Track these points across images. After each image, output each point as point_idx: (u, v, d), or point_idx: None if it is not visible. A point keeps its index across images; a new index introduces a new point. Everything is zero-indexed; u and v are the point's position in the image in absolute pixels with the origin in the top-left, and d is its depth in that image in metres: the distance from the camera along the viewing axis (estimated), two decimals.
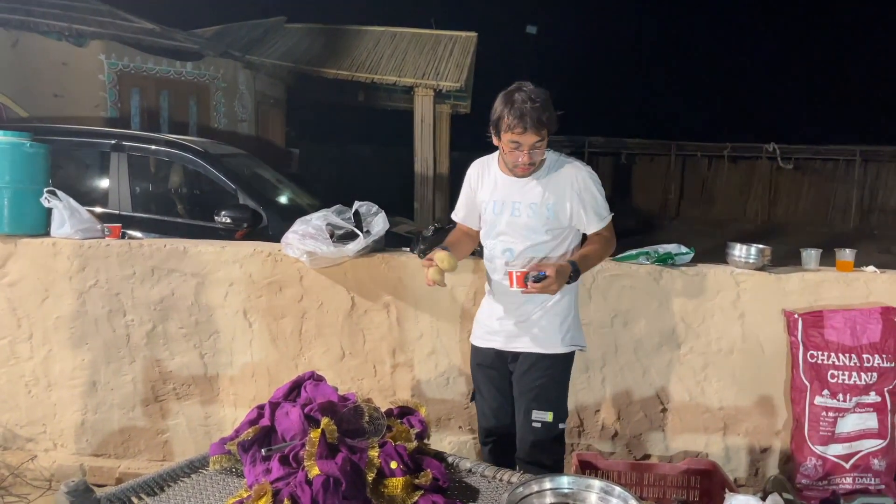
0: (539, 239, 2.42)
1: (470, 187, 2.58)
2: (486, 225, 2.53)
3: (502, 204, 2.45)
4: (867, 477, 2.87)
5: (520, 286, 2.28)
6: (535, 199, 2.41)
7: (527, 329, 2.48)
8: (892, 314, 2.89)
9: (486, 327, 2.58)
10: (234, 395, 3.25)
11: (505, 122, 2.29)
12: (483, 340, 2.59)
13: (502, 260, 2.47)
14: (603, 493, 1.89)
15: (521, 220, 2.42)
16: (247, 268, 3.15)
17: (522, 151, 2.31)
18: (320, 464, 1.92)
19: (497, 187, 2.47)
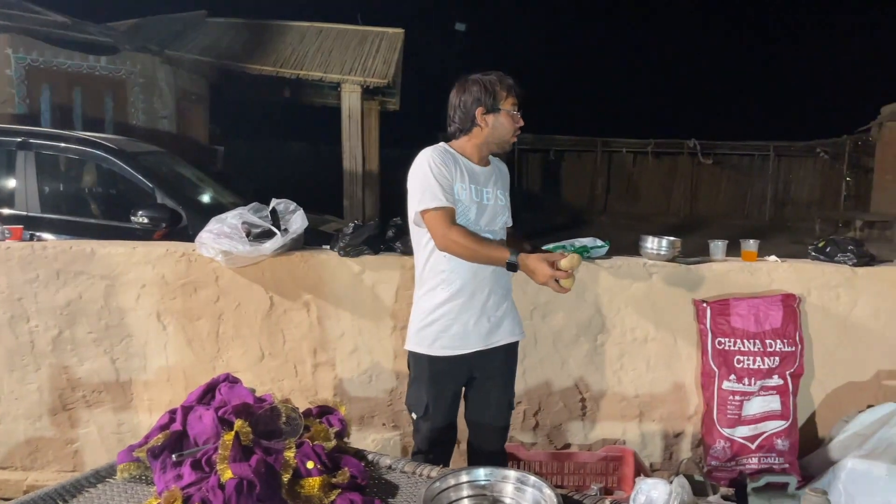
0: (504, 225, 2.50)
1: (447, 171, 2.34)
2: (459, 213, 2.35)
3: (477, 190, 2.41)
4: (772, 456, 3.01)
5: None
6: (499, 188, 2.49)
7: (503, 320, 2.47)
8: (792, 301, 3.04)
9: (454, 333, 2.38)
10: (149, 400, 3.15)
11: (504, 88, 2.38)
12: (452, 348, 2.39)
13: None
14: (519, 483, 1.91)
15: (494, 205, 2.44)
16: (159, 269, 3.06)
17: (518, 115, 2.41)
18: (233, 467, 1.88)
19: (469, 173, 2.40)
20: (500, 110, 2.38)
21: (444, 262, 2.36)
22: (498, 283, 2.43)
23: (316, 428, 2.12)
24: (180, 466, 1.94)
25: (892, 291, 3.11)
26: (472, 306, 2.38)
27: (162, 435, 2.04)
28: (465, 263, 2.34)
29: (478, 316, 2.40)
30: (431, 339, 2.40)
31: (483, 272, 2.38)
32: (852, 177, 17.08)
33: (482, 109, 2.38)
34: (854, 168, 17.06)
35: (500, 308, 2.46)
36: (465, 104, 2.40)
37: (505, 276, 2.46)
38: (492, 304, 2.42)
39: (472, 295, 2.37)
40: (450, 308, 2.37)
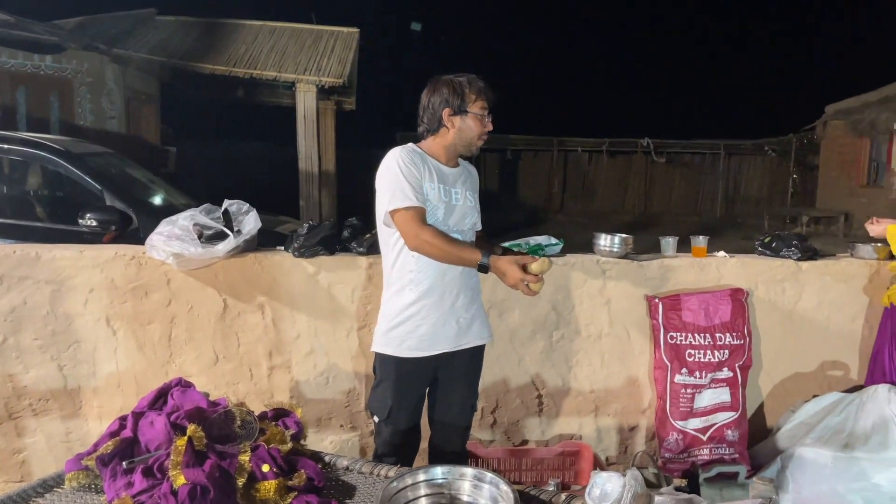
0: (473, 228, 2.50)
1: (416, 170, 2.32)
2: (430, 211, 2.33)
3: (446, 190, 2.40)
4: (722, 447, 3.08)
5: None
6: (469, 189, 2.49)
7: (472, 322, 2.46)
8: (741, 295, 3.13)
9: (423, 334, 2.37)
10: (99, 407, 3.08)
11: (474, 90, 2.37)
12: (419, 350, 2.38)
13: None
14: (476, 480, 1.92)
15: (464, 205, 2.43)
16: (108, 272, 2.98)
17: (487, 118, 2.39)
18: (186, 472, 1.85)
19: (439, 173, 2.39)
20: (467, 112, 2.37)
21: (412, 263, 2.34)
22: (467, 284, 2.43)
23: (271, 431, 2.10)
24: (131, 474, 1.91)
25: (835, 284, 3.22)
26: (441, 307, 2.37)
27: (112, 442, 2.00)
28: (434, 264, 2.33)
29: (446, 317, 2.38)
30: (399, 340, 2.39)
31: (452, 273, 2.37)
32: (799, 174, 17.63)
33: (449, 111, 2.37)
34: (800, 165, 17.62)
35: (470, 310, 2.45)
36: (433, 105, 2.39)
37: (474, 278, 2.47)
38: (461, 306, 2.41)
39: (441, 296, 2.36)
40: (418, 309, 2.35)
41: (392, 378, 2.41)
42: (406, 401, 2.44)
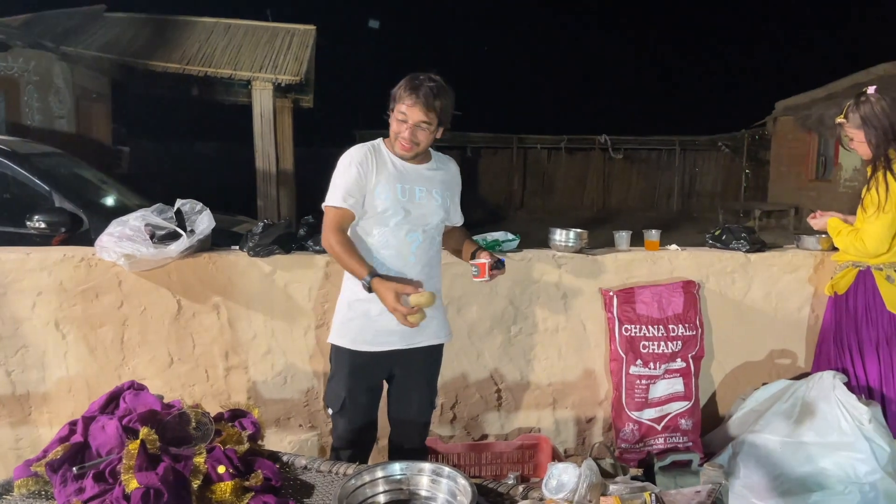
0: (440, 226, 2.48)
1: (361, 169, 2.35)
2: (384, 212, 2.34)
3: (408, 189, 2.37)
4: (676, 436, 3.16)
5: (488, 275, 2.36)
6: (436, 187, 2.45)
7: (431, 320, 2.40)
8: (692, 287, 3.20)
9: (379, 328, 2.37)
10: (49, 413, 3.00)
11: (399, 93, 2.33)
12: (373, 344, 2.39)
13: (410, 245, 2.37)
14: (434, 475, 1.94)
15: (427, 204, 2.40)
16: (57, 275, 2.91)
17: (407, 125, 2.31)
18: (139, 476, 1.83)
19: (398, 172, 2.38)
20: (392, 111, 2.36)
21: (368, 257, 2.35)
22: (426, 284, 2.41)
23: (228, 432, 2.08)
24: (82, 479, 1.88)
25: (782, 275, 3.32)
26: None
27: (62, 447, 1.96)
28: (390, 260, 2.37)
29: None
30: (353, 333, 2.41)
31: (408, 271, 2.38)
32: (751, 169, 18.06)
33: (391, 105, 2.38)
34: (753, 161, 18.04)
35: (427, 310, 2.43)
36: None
37: (434, 277, 2.48)
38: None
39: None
40: (373, 304, 2.34)
41: (345, 371, 2.43)
42: (359, 394, 2.45)
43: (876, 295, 2.94)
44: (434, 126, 2.34)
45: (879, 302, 2.94)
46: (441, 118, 2.34)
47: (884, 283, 2.92)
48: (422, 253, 2.41)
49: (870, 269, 2.94)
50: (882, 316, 2.95)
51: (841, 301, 3.05)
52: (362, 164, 2.34)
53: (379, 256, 2.37)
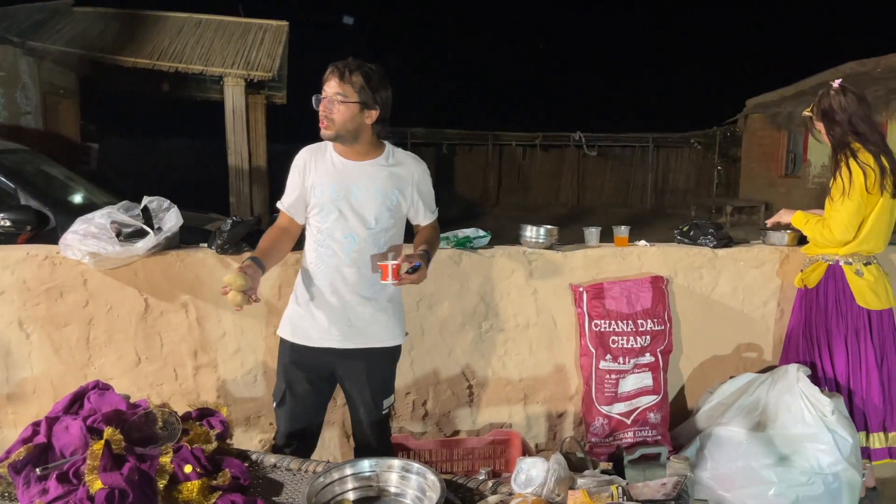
0: (384, 225, 2.37)
1: (299, 172, 2.40)
2: (320, 211, 2.35)
3: (344, 187, 2.33)
4: (645, 430, 3.19)
5: (394, 279, 2.21)
6: (380, 185, 2.36)
7: (373, 323, 2.40)
8: (661, 282, 3.23)
9: (317, 325, 2.38)
10: (13, 414, 2.95)
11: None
12: (311, 339, 2.40)
13: (345, 246, 2.34)
14: (403, 471, 1.95)
15: (367, 203, 2.33)
16: (19, 273, 2.86)
17: (323, 102, 2.27)
18: (103, 476, 1.81)
19: (336, 170, 2.36)
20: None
21: (311, 255, 2.40)
22: (370, 287, 2.37)
23: (196, 431, 2.06)
24: (46, 480, 1.86)
25: (748, 270, 3.37)
26: (332, 304, 2.37)
27: (24, 448, 1.94)
28: (328, 261, 2.36)
29: (338, 315, 2.37)
30: (292, 325, 2.44)
31: (347, 272, 2.34)
32: (723, 165, 18.31)
33: None
34: (724, 157, 18.29)
35: (365, 313, 2.39)
36: None
37: (381, 284, 2.35)
38: (354, 306, 2.37)
39: (333, 293, 2.37)
40: (310, 300, 2.39)
41: (284, 362, 2.46)
42: (297, 388, 2.44)
43: (845, 289, 2.99)
44: (353, 101, 2.26)
45: (849, 296, 2.99)
46: (363, 97, 2.27)
47: (853, 278, 2.97)
48: (358, 255, 2.34)
49: (839, 263, 2.99)
50: (851, 310, 3.00)
51: (811, 294, 3.09)
52: (301, 166, 2.40)
53: (318, 255, 2.38)
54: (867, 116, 2.97)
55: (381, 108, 2.33)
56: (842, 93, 2.96)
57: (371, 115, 2.31)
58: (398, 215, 2.42)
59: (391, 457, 2.03)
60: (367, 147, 2.38)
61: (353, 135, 2.32)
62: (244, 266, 2.17)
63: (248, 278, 2.12)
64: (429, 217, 2.52)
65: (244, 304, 2.12)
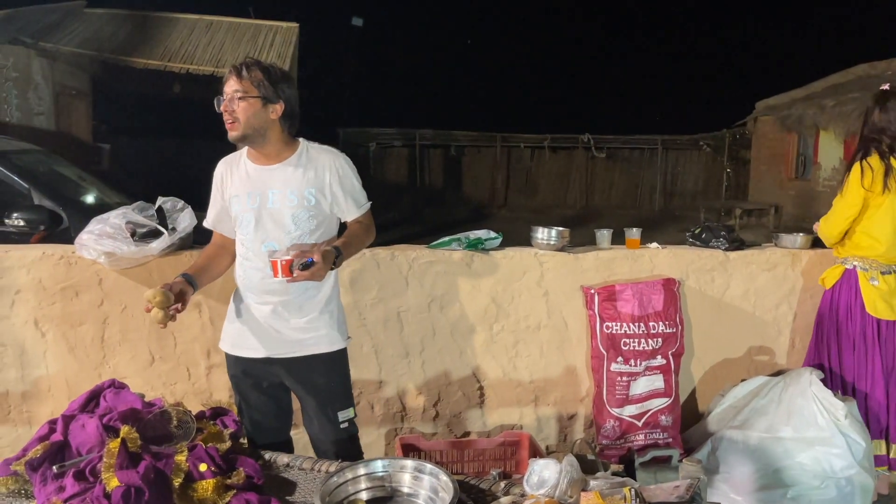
0: (306, 228, 2.28)
1: (217, 186, 2.37)
2: (240, 222, 2.31)
3: (258, 195, 2.28)
4: (657, 432, 3.19)
5: (285, 275, 2.13)
6: (294, 186, 2.27)
7: (310, 329, 2.35)
8: (672, 285, 3.23)
9: (252, 337, 2.36)
10: (28, 412, 2.98)
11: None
12: (248, 350, 2.37)
13: (267, 255, 2.27)
14: (416, 471, 1.95)
15: (283, 208, 2.26)
16: (35, 273, 2.89)
17: (224, 100, 2.23)
18: (120, 474, 1.82)
19: (249, 178, 2.30)
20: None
21: (238, 268, 2.39)
22: (300, 294, 2.32)
23: (210, 430, 2.08)
24: (62, 478, 1.87)
25: (760, 273, 3.36)
26: (264, 314, 2.34)
27: (41, 446, 1.95)
28: (251, 272, 2.32)
29: (270, 325, 2.34)
30: (230, 339, 2.43)
31: (272, 282, 2.26)
32: (732, 168, 18.23)
33: None
34: (734, 160, 18.22)
35: (298, 320, 2.33)
36: None
37: (310, 290, 2.32)
38: (285, 315, 2.32)
39: (264, 303, 2.34)
40: (244, 313, 2.38)
41: (231, 373, 2.47)
42: (250, 398, 2.44)
43: (858, 294, 3.01)
44: (253, 97, 2.20)
45: (860, 302, 3.00)
46: (263, 91, 2.21)
47: (866, 285, 2.98)
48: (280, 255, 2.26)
49: (856, 268, 3.01)
50: (862, 316, 3.01)
51: (827, 295, 3.14)
52: (219, 179, 2.40)
53: (244, 268, 2.35)
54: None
55: (285, 103, 2.26)
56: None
57: (276, 109, 2.24)
58: (321, 216, 2.31)
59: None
60: (278, 147, 2.30)
61: (261, 133, 2.25)
62: (173, 283, 2.20)
63: (170, 295, 2.13)
64: (354, 212, 2.38)
65: (166, 321, 2.14)
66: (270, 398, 2.46)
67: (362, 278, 3.10)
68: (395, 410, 3.25)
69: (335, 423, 2.41)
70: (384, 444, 3.26)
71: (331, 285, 2.38)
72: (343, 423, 2.42)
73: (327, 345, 2.37)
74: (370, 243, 2.48)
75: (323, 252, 2.15)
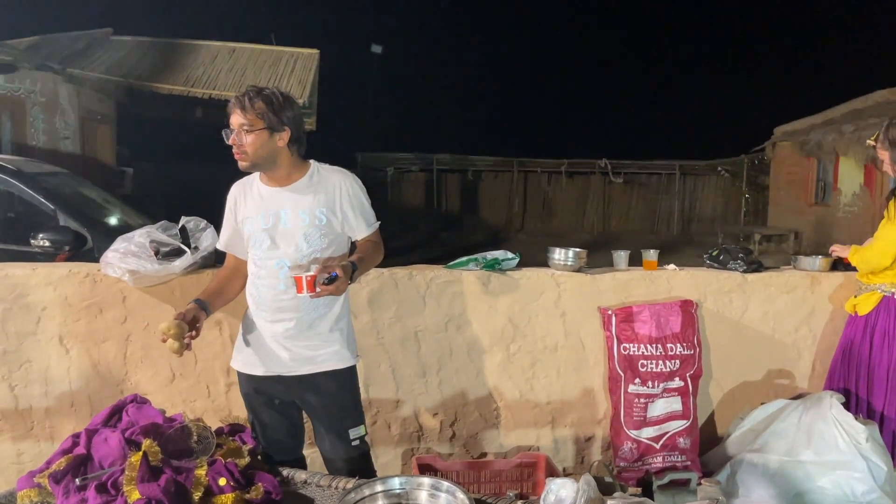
0: (317, 247, 2.34)
1: (230, 209, 2.45)
2: (254, 243, 2.36)
3: (272, 215, 2.33)
4: (675, 455, 3.16)
5: (310, 291, 2.17)
6: (306, 207, 2.34)
7: (321, 347, 2.38)
8: (690, 306, 3.23)
9: (264, 355, 2.40)
10: (51, 427, 3.02)
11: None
12: (259, 368, 2.41)
13: (279, 273, 2.32)
14: (433, 489, 1.96)
15: (295, 228, 2.32)
16: (62, 290, 2.95)
17: (229, 133, 2.29)
18: (141, 487, 1.85)
19: (263, 199, 2.37)
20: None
21: (250, 287, 2.43)
22: (312, 311, 2.35)
23: (229, 445, 2.11)
24: (84, 490, 1.90)
25: (779, 295, 3.34)
26: (276, 333, 2.37)
27: (64, 459, 1.99)
28: (263, 290, 2.36)
29: (282, 343, 2.37)
30: (243, 358, 2.47)
31: (283, 301, 2.33)
32: (751, 193, 18.15)
33: None
34: (752, 185, 18.15)
35: (310, 337, 2.37)
36: None
37: (320, 309, 2.36)
38: (297, 333, 2.36)
39: (276, 322, 2.37)
40: (255, 331, 2.42)
41: (244, 392, 2.51)
42: (262, 416, 2.47)
43: None
44: (261, 128, 2.25)
45: None
46: (268, 121, 2.26)
47: None
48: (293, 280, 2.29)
49: (894, 295, 2.99)
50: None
51: (860, 322, 3.10)
52: (232, 202, 2.45)
53: (256, 287, 2.38)
54: None
55: (291, 128, 2.31)
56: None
57: (283, 136, 2.30)
58: (332, 234, 2.37)
59: None
60: (288, 170, 2.36)
61: (270, 160, 2.32)
62: (186, 311, 2.26)
63: (184, 326, 2.18)
64: (364, 231, 2.44)
65: (182, 350, 2.18)
66: (282, 415, 2.49)
67: (380, 297, 3.13)
68: (411, 430, 3.26)
69: (346, 440, 2.44)
70: (401, 463, 3.25)
71: (341, 303, 2.43)
72: (354, 441, 2.45)
73: (338, 362, 2.41)
74: (380, 261, 2.53)
75: (344, 266, 2.21)
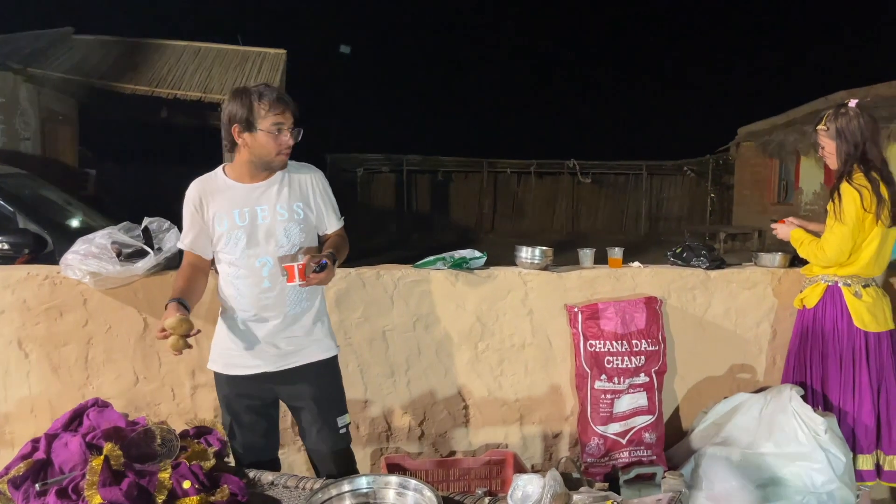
0: (296, 241, 2.35)
1: (194, 208, 2.37)
2: (227, 241, 2.32)
3: (249, 212, 2.31)
4: (641, 450, 3.20)
5: (301, 279, 2.20)
6: (283, 201, 2.33)
7: (305, 340, 2.40)
8: (655, 303, 3.27)
9: (248, 354, 2.37)
10: (11, 433, 2.96)
11: (263, 107, 2.23)
12: (244, 368, 2.38)
13: (260, 271, 2.31)
14: (400, 487, 1.97)
15: (274, 223, 2.31)
16: (20, 293, 2.89)
17: (285, 132, 2.28)
18: (102, 492, 1.83)
19: (234, 197, 2.32)
20: (256, 129, 2.25)
21: (228, 288, 2.39)
22: (295, 305, 2.36)
23: (194, 448, 2.08)
24: (45, 496, 1.88)
25: (741, 292, 3.41)
26: (260, 330, 2.36)
27: (24, 464, 1.96)
28: (241, 289, 2.34)
29: (267, 339, 2.36)
30: (223, 359, 2.43)
31: (267, 298, 2.33)
32: (716, 193, 18.47)
33: (238, 127, 2.26)
34: (717, 185, 18.46)
35: (294, 330, 2.39)
36: (223, 120, 2.31)
37: (305, 301, 2.39)
38: (282, 328, 2.36)
39: (260, 320, 2.36)
40: (238, 331, 2.38)
41: (223, 394, 2.46)
42: (243, 419, 2.44)
43: (843, 310, 3.00)
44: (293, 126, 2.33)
45: (847, 317, 3.00)
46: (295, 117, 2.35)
47: (852, 299, 2.99)
48: (276, 276, 2.32)
49: (838, 284, 3.02)
50: (849, 331, 3.00)
51: (808, 315, 3.12)
52: (196, 199, 2.37)
53: (235, 287, 2.35)
54: (877, 143, 2.94)
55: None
56: (860, 115, 2.92)
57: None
58: (308, 228, 2.39)
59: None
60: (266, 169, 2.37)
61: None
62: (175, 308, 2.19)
63: (191, 322, 2.14)
64: (335, 224, 2.49)
65: (184, 348, 2.13)
66: (262, 416, 2.47)
67: (348, 297, 3.12)
68: (380, 430, 3.25)
69: (335, 429, 2.46)
70: (370, 463, 3.25)
71: (320, 297, 2.48)
72: (342, 429, 2.48)
73: (324, 351, 2.45)
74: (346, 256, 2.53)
75: (328, 255, 2.26)
